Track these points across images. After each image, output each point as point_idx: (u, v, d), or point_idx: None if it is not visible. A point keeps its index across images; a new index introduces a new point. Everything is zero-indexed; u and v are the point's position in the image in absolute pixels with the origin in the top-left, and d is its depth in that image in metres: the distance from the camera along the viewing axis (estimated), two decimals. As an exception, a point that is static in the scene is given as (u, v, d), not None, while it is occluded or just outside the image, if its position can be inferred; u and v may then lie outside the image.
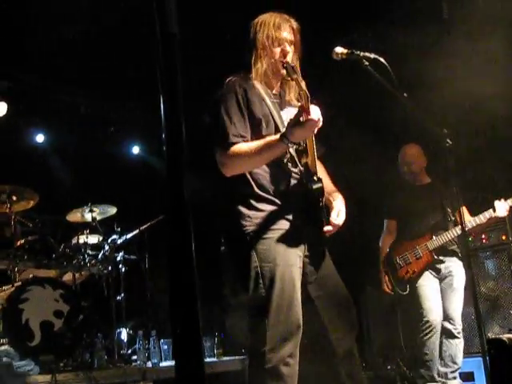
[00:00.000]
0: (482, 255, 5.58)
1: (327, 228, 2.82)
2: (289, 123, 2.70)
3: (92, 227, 5.84)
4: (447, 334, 4.70)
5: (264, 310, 2.71)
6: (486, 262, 5.58)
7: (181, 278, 0.92)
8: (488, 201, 4.71)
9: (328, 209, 2.90)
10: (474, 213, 4.72)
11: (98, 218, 5.92)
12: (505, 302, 5.42)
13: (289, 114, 2.87)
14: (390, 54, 3.06)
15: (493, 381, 2.27)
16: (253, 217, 2.81)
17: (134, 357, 5.54)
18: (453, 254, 4.81)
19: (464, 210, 4.86)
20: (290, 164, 2.89)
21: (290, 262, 2.77)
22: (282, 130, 2.78)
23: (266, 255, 2.75)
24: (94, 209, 5.87)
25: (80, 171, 6.91)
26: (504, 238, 5.58)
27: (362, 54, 2.94)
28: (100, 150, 7.18)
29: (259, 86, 2.94)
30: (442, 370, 4.69)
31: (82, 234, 5.73)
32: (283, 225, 2.81)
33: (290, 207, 2.85)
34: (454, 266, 4.78)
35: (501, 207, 4.56)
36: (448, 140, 3.09)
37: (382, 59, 2.91)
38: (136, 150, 8.04)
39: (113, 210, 6.03)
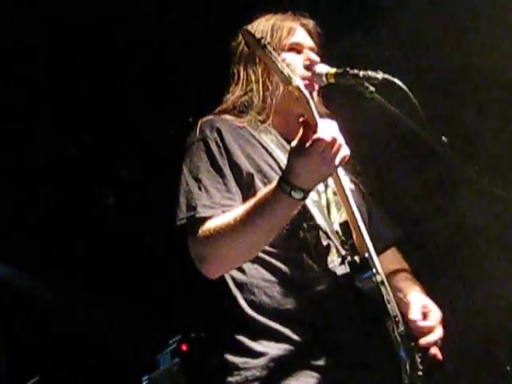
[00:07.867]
0: None
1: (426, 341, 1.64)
2: (289, 155, 1.54)
3: None
4: None
5: None
6: None
7: None
8: None
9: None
10: None
11: None
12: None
13: None
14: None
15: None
16: (242, 367, 1.65)
17: None
18: None
19: None
20: (331, 255, 1.72)
21: None
22: None
23: None
24: None
25: None
26: None
27: (362, 73, 1.66)
28: None
29: (257, 128, 1.84)
30: None
31: None
32: (305, 379, 1.60)
33: (320, 340, 1.64)
34: None
35: None
36: None
37: (397, 81, 1.63)
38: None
39: None
